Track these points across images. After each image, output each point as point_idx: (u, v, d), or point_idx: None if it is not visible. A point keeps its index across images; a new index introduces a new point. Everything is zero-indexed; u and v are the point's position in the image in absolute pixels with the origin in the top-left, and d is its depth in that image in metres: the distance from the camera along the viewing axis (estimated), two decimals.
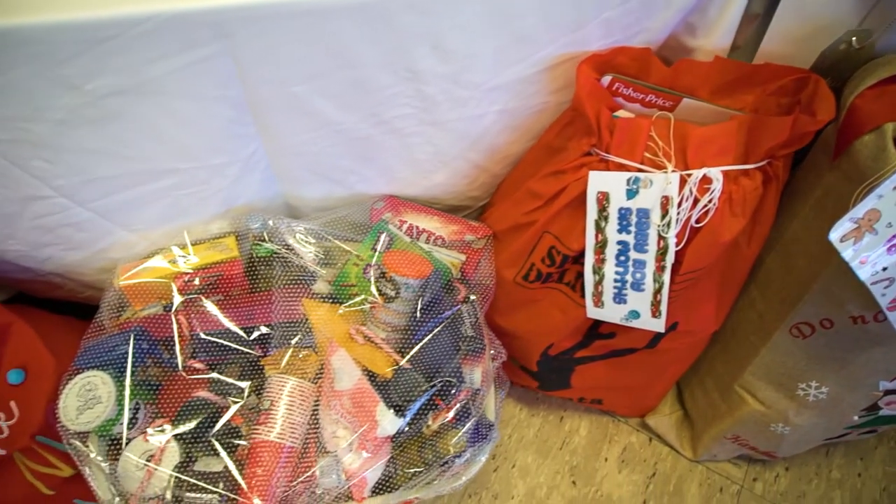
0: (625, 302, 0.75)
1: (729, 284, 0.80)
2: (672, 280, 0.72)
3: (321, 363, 0.75)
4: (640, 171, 0.68)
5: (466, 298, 0.81)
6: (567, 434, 1.09)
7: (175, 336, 0.74)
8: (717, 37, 0.72)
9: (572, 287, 0.81)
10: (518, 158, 0.87)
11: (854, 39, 0.67)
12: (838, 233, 0.58)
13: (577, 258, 0.76)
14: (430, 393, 0.73)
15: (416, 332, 0.76)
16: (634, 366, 0.91)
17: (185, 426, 0.70)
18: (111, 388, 0.69)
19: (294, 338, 0.75)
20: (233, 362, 0.75)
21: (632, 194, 0.68)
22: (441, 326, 0.77)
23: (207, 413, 0.71)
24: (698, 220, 0.67)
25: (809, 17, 0.69)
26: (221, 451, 0.69)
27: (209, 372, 0.74)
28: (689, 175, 0.66)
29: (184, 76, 0.60)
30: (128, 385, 0.69)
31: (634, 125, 0.68)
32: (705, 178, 0.66)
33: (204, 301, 0.76)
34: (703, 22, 0.73)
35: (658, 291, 0.73)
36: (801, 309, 0.74)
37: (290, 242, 0.80)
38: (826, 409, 0.83)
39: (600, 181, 0.69)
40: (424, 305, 0.78)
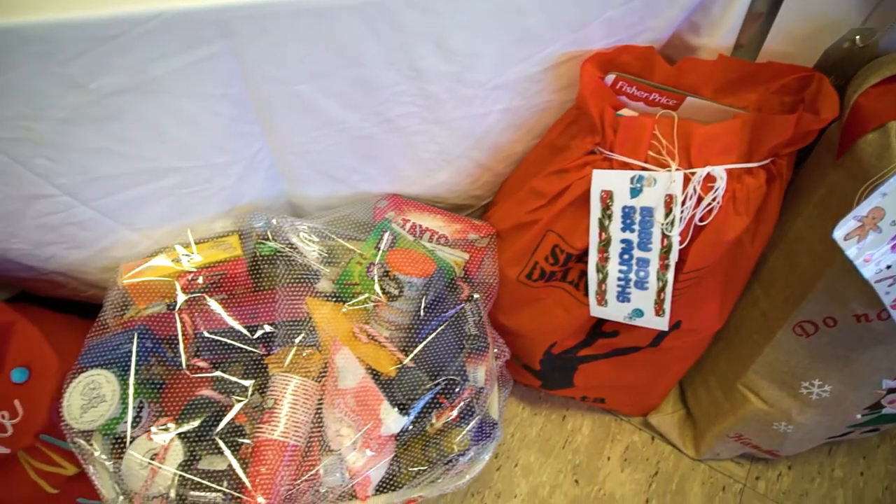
0: (628, 300, 0.75)
1: (732, 283, 0.80)
2: (676, 278, 0.71)
3: (325, 362, 0.75)
4: (644, 169, 0.68)
5: (470, 297, 0.81)
6: (570, 433, 1.09)
7: (179, 335, 0.74)
8: (721, 35, 0.72)
9: (575, 286, 0.81)
10: (521, 157, 0.87)
11: (858, 38, 0.67)
12: (842, 231, 0.58)
13: (581, 257, 0.76)
14: (433, 391, 0.73)
15: (420, 330, 0.76)
16: (637, 364, 0.91)
17: (189, 425, 0.70)
18: (115, 387, 0.69)
19: (298, 336, 0.75)
20: (236, 361, 0.75)
21: (635, 193, 0.68)
22: (445, 325, 0.77)
23: (211, 411, 0.71)
24: (702, 219, 0.67)
25: (813, 16, 0.69)
26: (225, 450, 0.69)
27: (213, 370, 0.74)
28: (693, 173, 0.66)
29: (187, 75, 0.60)
30: (132, 383, 0.69)
31: (638, 124, 0.68)
32: (709, 177, 0.66)
33: (208, 300, 0.76)
34: (706, 20, 0.73)
35: (661, 290, 0.73)
36: (804, 307, 0.74)
37: (294, 241, 0.80)
38: (829, 408, 0.83)
39: (604, 180, 0.69)
40: (428, 304, 0.78)
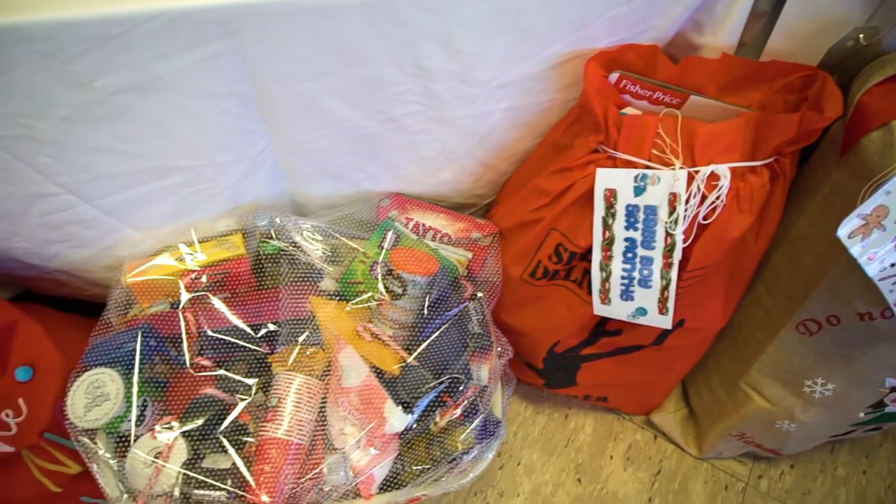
0: (632, 299, 0.75)
1: (736, 281, 0.80)
2: (679, 277, 0.71)
3: (328, 360, 0.75)
4: (648, 167, 0.68)
5: (473, 296, 0.82)
6: (572, 432, 1.09)
7: (182, 333, 0.74)
8: (724, 34, 0.73)
9: (579, 284, 0.81)
10: (524, 156, 0.87)
11: (861, 36, 0.67)
12: (846, 229, 0.58)
13: (584, 255, 0.76)
14: (437, 390, 0.73)
15: (424, 329, 0.76)
16: (640, 363, 0.91)
17: (193, 423, 0.70)
18: (119, 385, 0.69)
19: (301, 335, 0.75)
20: (240, 359, 0.75)
21: (639, 191, 0.68)
22: (448, 323, 0.77)
23: (215, 410, 0.71)
24: (706, 217, 0.67)
25: (816, 15, 0.69)
26: (229, 448, 0.69)
27: (217, 369, 0.74)
28: (697, 172, 0.66)
29: (192, 73, 0.60)
30: (135, 382, 0.69)
31: (642, 122, 0.68)
32: (713, 175, 0.66)
33: (211, 298, 0.76)
34: (710, 19, 0.73)
35: (665, 288, 0.73)
36: (807, 306, 0.74)
37: (297, 240, 0.80)
38: (832, 406, 0.83)
39: (608, 178, 0.69)
40: (431, 303, 0.78)
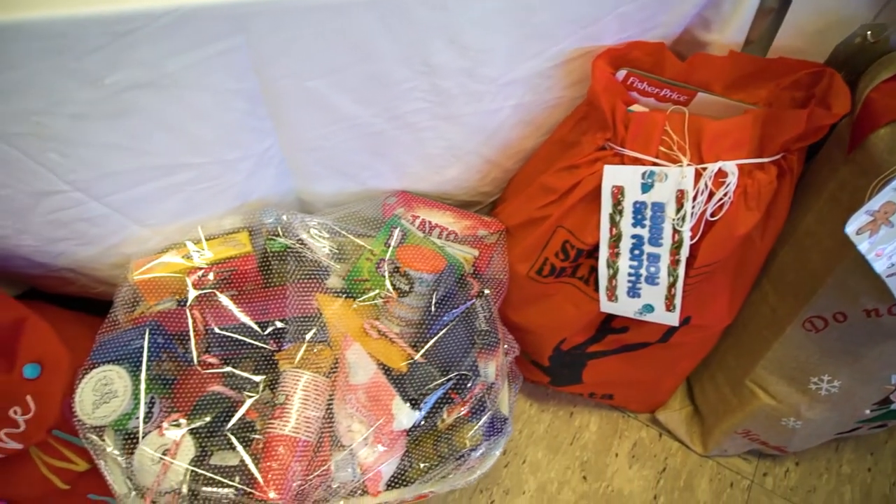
0: (639, 296, 0.75)
1: (742, 278, 0.80)
2: (686, 274, 0.71)
3: (335, 358, 0.75)
4: (655, 164, 0.68)
5: (480, 293, 0.82)
6: (577, 429, 1.09)
7: (190, 331, 0.74)
8: (732, 31, 0.73)
9: (586, 281, 0.81)
10: (530, 154, 0.87)
11: (869, 33, 0.67)
12: (854, 226, 0.59)
13: (591, 252, 0.76)
14: (445, 387, 0.73)
15: (431, 326, 0.76)
16: (646, 360, 0.91)
17: (201, 420, 0.70)
18: (127, 383, 0.69)
19: (308, 332, 0.75)
20: (247, 357, 0.75)
21: (647, 188, 0.68)
22: (455, 321, 0.77)
23: (222, 407, 0.71)
24: (713, 214, 0.67)
25: (824, 12, 0.69)
26: (237, 445, 0.69)
27: (224, 366, 0.74)
28: (704, 169, 0.66)
29: (202, 70, 0.60)
30: (143, 379, 0.70)
31: (649, 119, 0.68)
32: (720, 172, 0.66)
33: (218, 296, 0.76)
34: (717, 16, 0.73)
35: (672, 285, 0.73)
36: (814, 303, 0.74)
37: (304, 237, 0.80)
38: (838, 404, 0.83)
39: (615, 175, 0.69)
40: (438, 300, 0.78)
